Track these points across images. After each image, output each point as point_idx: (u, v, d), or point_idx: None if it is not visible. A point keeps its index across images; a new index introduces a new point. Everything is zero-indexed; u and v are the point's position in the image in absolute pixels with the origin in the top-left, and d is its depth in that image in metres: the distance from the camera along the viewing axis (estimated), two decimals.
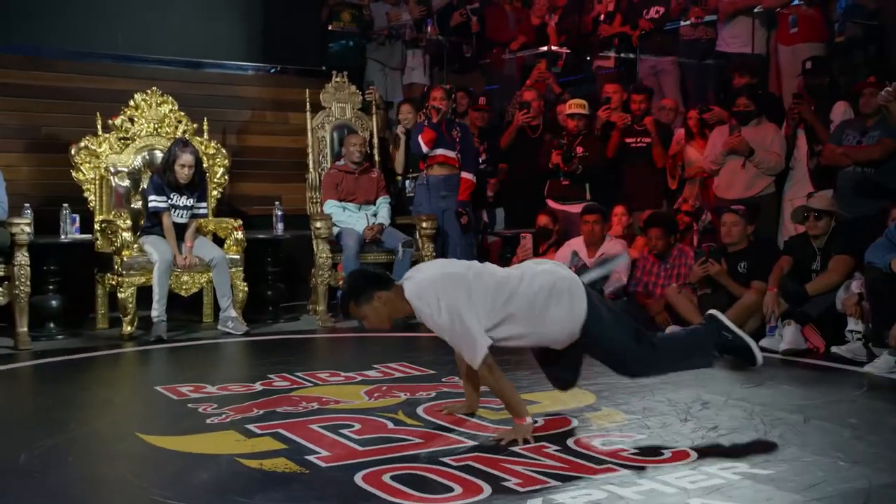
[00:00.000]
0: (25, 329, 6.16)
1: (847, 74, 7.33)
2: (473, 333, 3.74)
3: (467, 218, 7.70)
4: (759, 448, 3.78)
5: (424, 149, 7.51)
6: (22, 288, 6.14)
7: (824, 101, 7.04)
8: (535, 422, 3.97)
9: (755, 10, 8.05)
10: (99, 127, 7.15)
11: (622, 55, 9.24)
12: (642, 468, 3.49)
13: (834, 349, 5.84)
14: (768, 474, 3.43)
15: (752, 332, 6.11)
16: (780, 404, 4.56)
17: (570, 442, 3.83)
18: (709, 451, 3.71)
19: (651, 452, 3.70)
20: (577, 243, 7.17)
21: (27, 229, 6.21)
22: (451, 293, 3.76)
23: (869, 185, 6.36)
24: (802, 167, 7.00)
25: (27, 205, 6.65)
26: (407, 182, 8.03)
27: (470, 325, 3.74)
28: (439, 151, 7.58)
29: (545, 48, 9.49)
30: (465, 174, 7.69)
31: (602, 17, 9.29)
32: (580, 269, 7.04)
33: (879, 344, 5.43)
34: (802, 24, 7.64)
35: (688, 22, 8.57)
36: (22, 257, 6.16)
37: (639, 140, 7.79)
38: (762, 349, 5.86)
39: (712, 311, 4.27)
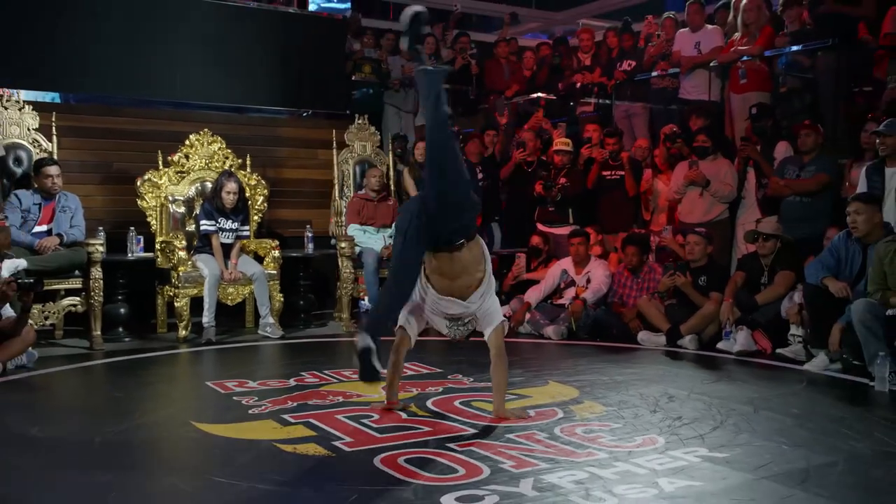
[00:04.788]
0: (99, 333, 6.19)
1: (788, 118, 7.31)
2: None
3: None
4: (716, 435, 3.78)
5: None
6: (96, 298, 6.18)
7: (769, 140, 7.04)
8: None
9: (711, 64, 8.06)
10: (160, 162, 7.16)
11: (600, 101, 9.25)
12: (618, 452, 3.50)
13: (779, 350, 5.84)
14: (724, 457, 3.44)
15: (711, 335, 6.19)
16: (735, 397, 4.56)
17: (556, 430, 3.84)
18: (674, 438, 3.71)
19: (625, 439, 3.71)
20: (566, 262, 7.09)
21: (101, 249, 6.24)
22: None
23: (808, 212, 6.37)
24: (752, 196, 6.98)
25: (101, 228, 6.67)
26: None
27: None
28: None
29: (535, 95, 9.50)
30: None
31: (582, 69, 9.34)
32: (568, 284, 7.04)
33: (816, 345, 5.41)
34: (751, 76, 7.63)
35: (656, 74, 8.59)
36: (96, 272, 6.19)
37: (613, 173, 7.76)
38: (719, 351, 5.95)
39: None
